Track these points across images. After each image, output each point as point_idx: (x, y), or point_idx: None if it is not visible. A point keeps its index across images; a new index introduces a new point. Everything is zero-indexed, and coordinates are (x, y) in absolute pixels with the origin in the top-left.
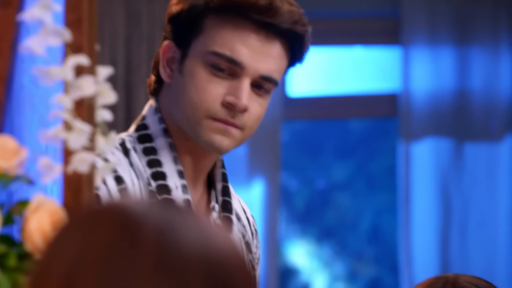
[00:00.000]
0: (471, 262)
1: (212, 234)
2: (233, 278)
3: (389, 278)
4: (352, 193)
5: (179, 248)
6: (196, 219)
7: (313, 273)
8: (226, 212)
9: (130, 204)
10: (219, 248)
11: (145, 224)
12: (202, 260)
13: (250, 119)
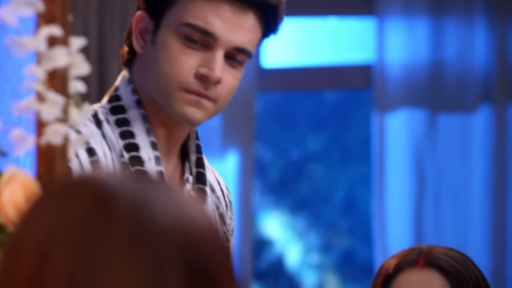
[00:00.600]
0: (445, 233)
1: (187, 206)
2: (208, 251)
3: (363, 249)
4: (326, 164)
5: (154, 221)
6: (171, 192)
7: (287, 244)
8: (200, 183)
9: (104, 177)
10: (193, 221)
11: (119, 197)
12: (177, 233)
13: (224, 91)
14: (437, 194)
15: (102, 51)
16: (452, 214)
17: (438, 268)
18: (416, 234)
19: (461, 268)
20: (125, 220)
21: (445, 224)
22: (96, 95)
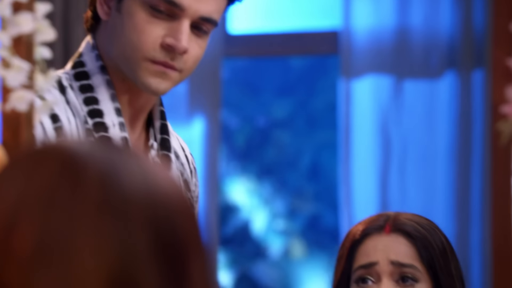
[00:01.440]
0: (410, 199)
1: (155, 174)
2: (176, 218)
3: (329, 215)
4: (292, 131)
5: (122, 188)
6: (139, 160)
7: (253, 210)
8: (164, 150)
9: (72, 145)
10: (161, 188)
11: (88, 165)
12: (145, 200)
13: (189, 61)
14: (402, 160)
15: (67, 16)
16: (417, 180)
17: (404, 234)
18: (381, 200)
19: (427, 234)
20: (93, 187)
21: (411, 190)
22: (61, 61)
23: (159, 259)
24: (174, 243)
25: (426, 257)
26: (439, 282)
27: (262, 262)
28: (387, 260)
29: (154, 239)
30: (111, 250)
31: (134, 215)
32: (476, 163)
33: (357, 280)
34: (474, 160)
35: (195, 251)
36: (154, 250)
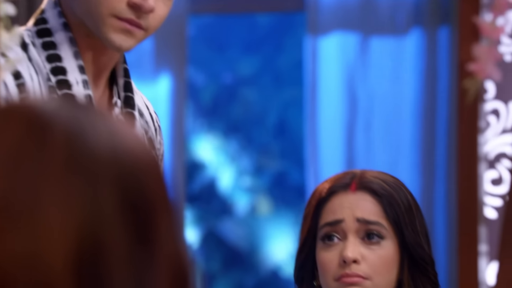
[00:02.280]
0: (376, 156)
1: (122, 133)
2: (143, 177)
3: (295, 172)
4: (259, 88)
5: (89, 148)
6: (106, 119)
7: (219, 168)
8: (128, 107)
9: (38, 103)
10: (128, 148)
11: (54, 123)
12: (112, 159)
13: (155, 20)
14: (368, 117)
15: None
16: (383, 137)
17: (370, 191)
18: (347, 157)
19: (393, 191)
20: (60, 146)
21: (376, 147)
22: (25, 17)
23: (127, 218)
24: (142, 201)
25: (391, 214)
26: (405, 238)
27: (228, 219)
28: (353, 217)
29: (122, 197)
30: (78, 209)
31: (101, 173)
32: (441, 120)
33: (323, 237)
34: (440, 117)
35: (163, 209)
36: (122, 209)
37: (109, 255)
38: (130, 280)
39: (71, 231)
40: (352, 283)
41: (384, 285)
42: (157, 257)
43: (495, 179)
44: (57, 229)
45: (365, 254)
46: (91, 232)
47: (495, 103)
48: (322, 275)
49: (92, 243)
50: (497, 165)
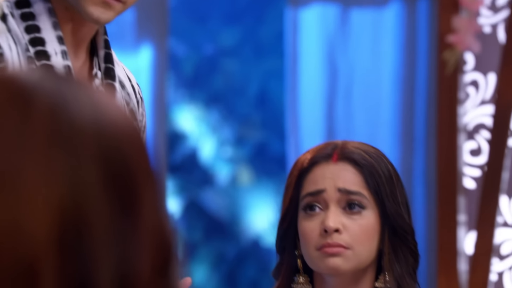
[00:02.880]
0: (356, 127)
1: (104, 105)
2: (126, 148)
3: (276, 142)
4: (240, 59)
5: (72, 119)
6: (88, 90)
7: (201, 138)
8: (108, 79)
9: (21, 75)
10: (111, 119)
11: (37, 95)
12: (95, 131)
13: None
14: (348, 89)
15: None
16: (363, 108)
17: (352, 162)
18: (328, 128)
19: (373, 162)
20: (43, 119)
21: (356, 118)
22: None
23: (110, 190)
24: (125, 173)
25: (372, 184)
26: (385, 208)
27: (210, 189)
28: (335, 187)
29: (105, 169)
30: (61, 181)
31: (84, 145)
32: (421, 91)
33: (304, 207)
34: (419, 88)
35: (146, 181)
36: (105, 181)
37: (92, 226)
38: (112, 251)
39: (53, 203)
40: (333, 254)
41: (365, 254)
42: (140, 228)
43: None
44: (39, 200)
45: (346, 224)
46: (74, 204)
47: (474, 74)
48: (304, 244)
49: (75, 215)
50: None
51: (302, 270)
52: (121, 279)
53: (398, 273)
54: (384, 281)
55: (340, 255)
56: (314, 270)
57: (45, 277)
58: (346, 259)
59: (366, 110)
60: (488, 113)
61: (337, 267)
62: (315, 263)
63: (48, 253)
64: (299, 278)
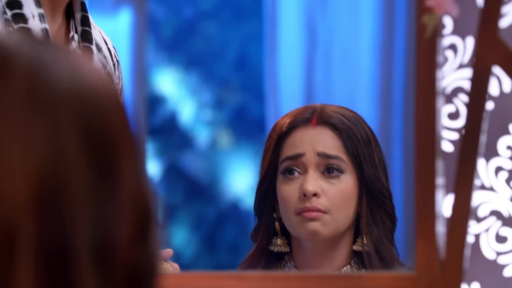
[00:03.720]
0: (335, 90)
1: (83, 68)
2: (106, 113)
3: (255, 106)
4: (219, 22)
5: (51, 83)
6: (67, 54)
7: (180, 101)
8: (86, 42)
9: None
10: (91, 83)
11: (15, 58)
12: (75, 95)
13: None
14: (327, 52)
15: None
16: (342, 71)
17: (330, 126)
18: (307, 91)
19: (352, 126)
20: (21, 81)
21: (335, 81)
22: None
23: (89, 154)
24: (104, 137)
25: (351, 148)
26: (363, 172)
27: (189, 152)
28: (314, 152)
29: (83, 133)
30: (40, 145)
31: (64, 109)
32: (399, 55)
33: (283, 171)
34: (398, 52)
35: (126, 145)
36: (83, 145)
37: (70, 191)
38: (91, 216)
39: (32, 166)
40: (312, 218)
41: (342, 218)
42: (120, 194)
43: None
44: (17, 165)
45: (325, 188)
46: (53, 167)
47: (452, 38)
48: (283, 208)
49: (53, 179)
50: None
51: (280, 233)
52: (100, 244)
53: (375, 236)
54: (362, 244)
55: (319, 220)
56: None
57: (23, 240)
58: (325, 224)
59: (344, 73)
60: (466, 77)
61: (315, 232)
62: (294, 228)
63: (26, 216)
64: (277, 240)
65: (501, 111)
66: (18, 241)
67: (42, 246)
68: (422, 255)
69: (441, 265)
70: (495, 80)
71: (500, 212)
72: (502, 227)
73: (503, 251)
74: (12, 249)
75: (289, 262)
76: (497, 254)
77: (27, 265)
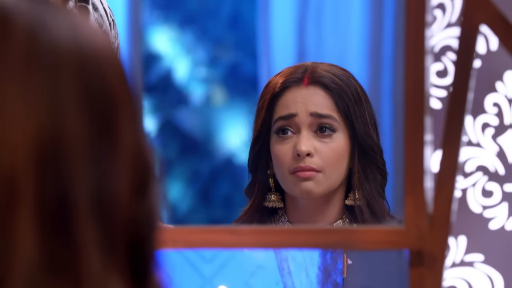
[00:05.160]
0: (326, 48)
1: (83, 27)
2: (105, 71)
3: (249, 63)
4: None
5: (51, 41)
6: (66, 13)
7: (175, 59)
8: (82, 1)
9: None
10: (90, 41)
11: (15, 17)
12: (74, 53)
13: None
14: (319, 11)
15: None
16: (333, 29)
17: (322, 85)
18: (299, 49)
19: (343, 85)
20: (21, 38)
21: (327, 39)
22: None
23: (88, 111)
24: (103, 94)
25: (342, 107)
26: (355, 130)
27: (184, 109)
28: (306, 112)
29: (83, 90)
30: (39, 103)
31: (63, 66)
32: (388, 14)
33: (277, 130)
34: (387, 10)
35: (124, 102)
36: (83, 102)
37: (70, 147)
38: (90, 171)
39: (32, 124)
40: (306, 178)
41: (335, 176)
42: (119, 148)
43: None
44: (19, 122)
45: (318, 147)
46: (53, 125)
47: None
48: (277, 167)
49: (54, 135)
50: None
51: (274, 189)
52: (100, 198)
53: (367, 191)
54: (354, 199)
55: (313, 179)
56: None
57: (24, 192)
58: (318, 182)
59: (335, 31)
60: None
61: (309, 191)
62: (289, 186)
63: (27, 170)
64: (271, 196)
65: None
66: (19, 193)
67: (43, 198)
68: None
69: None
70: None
71: (487, 167)
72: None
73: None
74: (13, 200)
75: (283, 216)
76: (483, 208)
77: (28, 215)
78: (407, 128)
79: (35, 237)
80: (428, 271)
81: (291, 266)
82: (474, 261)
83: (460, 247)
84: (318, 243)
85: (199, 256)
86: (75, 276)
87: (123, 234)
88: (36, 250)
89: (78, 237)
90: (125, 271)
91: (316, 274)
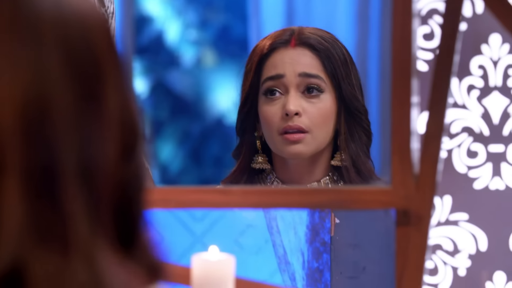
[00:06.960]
0: (314, 11)
1: None
2: (90, 36)
3: (239, 26)
4: None
5: (34, 6)
6: None
7: (166, 21)
8: None
9: None
10: (75, 6)
11: None
12: (58, 18)
13: None
14: None
15: None
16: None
17: (309, 46)
18: (287, 12)
19: (329, 46)
20: (5, 6)
21: (315, 2)
22: None
23: (73, 76)
24: (89, 61)
25: (329, 68)
26: (341, 91)
27: (175, 70)
28: (294, 72)
29: (68, 56)
30: (24, 69)
31: (47, 35)
32: None
33: (265, 91)
34: None
35: (111, 68)
36: (68, 70)
37: (56, 113)
38: (77, 135)
39: (17, 92)
40: (295, 141)
41: (323, 136)
42: (105, 113)
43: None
44: (3, 90)
45: (306, 107)
46: (37, 92)
47: None
48: (266, 128)
49: (39, 102)
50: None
51: (261, 151)
52: (87, 164)
53: (353, 151)
54: (340, 159)
55: (301, 141)
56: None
57: (10, 158)
58: (307, 144)
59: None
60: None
61: (299, 153)
62: (278, 148)
63: (13, 137)
64: (258, 157)
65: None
66: (6, 157)
67: (29, 162)
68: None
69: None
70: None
71: (472, 128)
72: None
73: (473, 165)
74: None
75: (270, 174)
76: (468, 168)
77: (15, 180)
78: (394, 90)
79: (22, 201)
80: (414, 230)
81: (280, 225)
82: (459, 220)
83: (445, 206)
84: (306, 203)
85: (190, 215)
86: (62, 240)
87: (110, 197)
88: (23, 214)
89: (65, 201)
90: (112, 235)
91: (304, 232)
